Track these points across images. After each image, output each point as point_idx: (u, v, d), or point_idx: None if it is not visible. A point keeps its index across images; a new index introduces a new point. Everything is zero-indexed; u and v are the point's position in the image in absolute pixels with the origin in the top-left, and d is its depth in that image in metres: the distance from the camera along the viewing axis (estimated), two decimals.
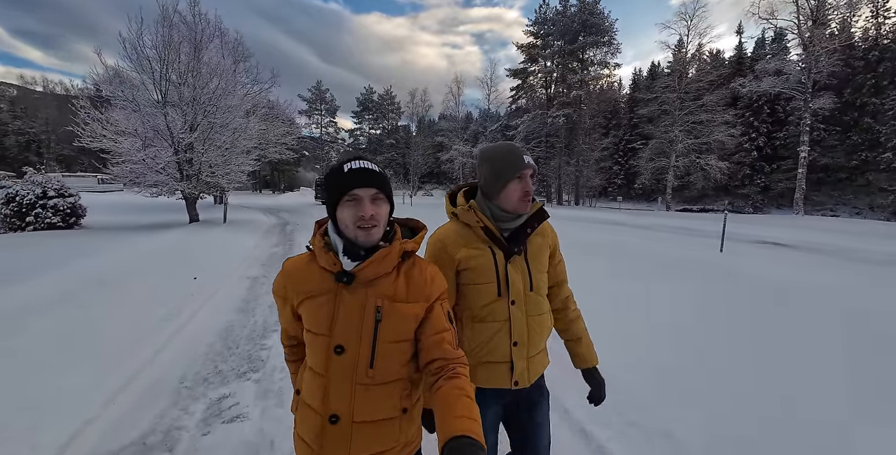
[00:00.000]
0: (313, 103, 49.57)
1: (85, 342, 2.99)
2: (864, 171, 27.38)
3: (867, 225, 15.12)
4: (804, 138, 18.27)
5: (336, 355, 0.86)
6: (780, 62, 18.92)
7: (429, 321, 0.91)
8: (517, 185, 1.13)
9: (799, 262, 6.64)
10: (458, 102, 40.07)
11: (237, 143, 10.97)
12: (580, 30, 27.30)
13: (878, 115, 25.32)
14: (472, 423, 0.73)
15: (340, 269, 0.86)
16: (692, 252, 7.26)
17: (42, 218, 9.61)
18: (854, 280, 5.28)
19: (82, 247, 6.91)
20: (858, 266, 6.40)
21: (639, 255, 6.94)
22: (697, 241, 9.22)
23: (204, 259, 6.27)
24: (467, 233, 1.17)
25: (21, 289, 3.93)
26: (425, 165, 47.97)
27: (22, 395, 2.25)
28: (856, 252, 7.95)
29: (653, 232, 11.37)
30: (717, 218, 14.95)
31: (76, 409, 2.18)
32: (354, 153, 43.17)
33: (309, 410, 0.90)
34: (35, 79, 63.57)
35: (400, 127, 52.06)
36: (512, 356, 1.16)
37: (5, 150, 48.91)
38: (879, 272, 5.93)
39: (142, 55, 9.76)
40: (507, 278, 1.14)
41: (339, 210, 0.86)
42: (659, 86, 25.27)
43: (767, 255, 7.33)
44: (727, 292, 4.56)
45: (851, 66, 28.53)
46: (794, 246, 8.89)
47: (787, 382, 2.54)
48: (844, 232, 12.44)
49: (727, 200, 32.47)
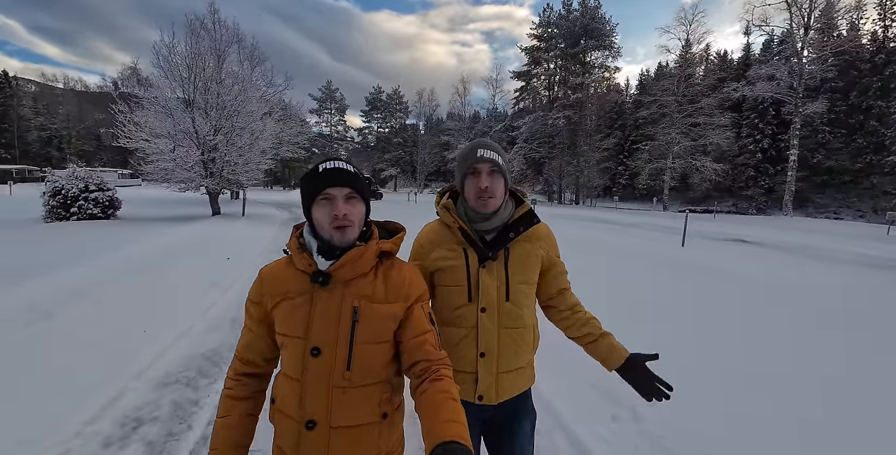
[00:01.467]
0: (323, 102, 50.91)
1: (168, 292, 4.10)
2: (868, 174, 27.42)
3: (856, 227, 15.77)
4: (794, 142, 18.91)
5: (312, 357, 0.85)
6: (772, 68, 19.51)
7: (409, 323, 0.90)
8: (472, 180, 1.09)
9: (746, 255, 7.55)
10: (464, 103, 41.06)
11: (256, 144, 12.11)
12: (582, 34, 28.10)
13: (884, 118, 25.59)
14: (459, 426, 0.72)
15: (316, 269, 0.86)
16: (657, 246, 8.19)
17: (84, 209, 10.83)
18: (782, 270, 6.20)
19: (126, 234, 8.06)
20: (806, 261, 7.29)
21: (608, 248, 7.88)
22: (671, 237, 10.12)
23: (232, 245, 7.38)
24: (446, 233, 1.15)
25: (101, 262, 5.05)
26: (432, 164, 49.03)
27: (138, 320, 3.33)
28: (818, 250, 8.80)
29: (635, 229, 12.27)
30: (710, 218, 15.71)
31: (172, 328, 3.28)
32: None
33: (284, 418, 0.88)
34: (56, 76, 65.70)
35: (408, 126, 53.19)
36: (477, 367, 1.10)
37: (28, 145, 50.96)
38: (817, 266, 6.82)
39: (173, 65, 10.92)
40: (478, 283, 1.09)
41: (314, 210, 0.87)
42: (658, 89, 25.95)
43: (723, 250, 8.23)
44: (671, 277, 5.53)
45: (858, 69, 28.72)
46: (758, 243, 9.76)
47: (695, 333, 3.52)
48: (825, 232, 13.18)
49: (731, 201, 32.98)
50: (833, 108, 28.27)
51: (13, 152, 47.94)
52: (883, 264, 7.29)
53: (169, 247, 6.58)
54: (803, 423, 2.12)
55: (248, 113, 11.38)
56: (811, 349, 3.19)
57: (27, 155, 49.55)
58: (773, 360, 2.94)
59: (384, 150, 50.11)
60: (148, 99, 10.62)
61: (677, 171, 24.27)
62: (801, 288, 5.05)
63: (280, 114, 16.62)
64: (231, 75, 11.45)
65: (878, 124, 25.90)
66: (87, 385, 2.38)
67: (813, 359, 3.00)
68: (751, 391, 2.44)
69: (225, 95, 10.92)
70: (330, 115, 51.90)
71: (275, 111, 14.55)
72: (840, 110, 28.60)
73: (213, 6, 12.89)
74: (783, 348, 3.21)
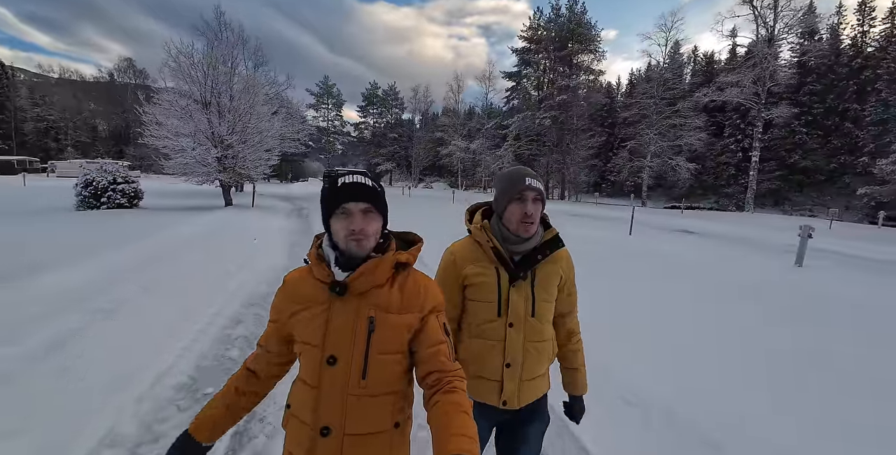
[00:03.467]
0: (321, 97, 51.89)
1: (228, 251, 5.60)
2: (842, 174, 28.58)
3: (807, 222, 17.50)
4: (756, 144, 20.56)
5: (328, 366, 0.87)
6: (737, 75, 21.13)
7: (424, 334, 0.92)
8: (516, 206, 1.16)
9: (676, 241, 9.18)
10: (457, 100, 42.34)
11: (264, 142, 13.51)
12: (569, 38, 29.53)
13: (858, 121, 26.95)
14: (469, 441, 0.74)
15: (333, 279, 0.89)
16: (608, 234, 9.79)
17: (113, 199, 12.18)
18: (692, 250, 7.81)
19: (161, 220, 9.47)
20: (735, 247, 8.90)
21: (565, 236, 9.42)
22: (627, 228, 11.73)
23: (251, 230, 8.84)
24: (478, 250, 1.22)
25: (164, 237, 6.51)
26: (426, 159, 50.37)
27: (222, 263, 4.82)
28: (755, 241, 10.40)
29: (598, 221, 13.88)
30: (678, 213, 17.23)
31: (239, 274, 4.80)
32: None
33: (299, 424, 0.90)
34: (51, 66, 65.63)
35: (404, 121, 54.37)
36: (503, 376, 1.20)
37: (25, 136, 51.36)
38: (726, 250, 8.44)
39: (192, 75, 12.24)
40: (508, 301, 1.18)
41: (333, 221, 0.90)
42: (639, 92, 27.52)
43: (661, 238, 9.87)
44: (609, 256, 7.08)
45: (836, 73, 30.35)
46: (701, 234, 11.41)
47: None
48: (772, 227, 14.86)
49: (713, 198, 34.77)
50: (811, 110, 29.89)
51: (10, 143, 48.37)
52: (791, 250, 8.93)
53: (207, 228, 8.06)
54: (677, 349, 3.30)
55: (258, 115, 12.77)
56: (676, 298, 4.79)
57: (24, 146, 49.97)
58: (638, 308, 4.52)
59: (380, 144, 51.30)
60: (171, 101, 11.94)
61: (654, 170, 25.92)
62: (696, 264, 6.65)
63: (284, 112, 17.90)
64: (243, 80, 12.81)
65: (852, 126, 27.38)
66: (199, 302, 3.90)
67: (675, 304, 4.60)
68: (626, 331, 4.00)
69: (237, 101, 12.29)
70: (327, 110, 52.94)
71: (280, 110, 15.89)
72: (817, 112, 30.20)
73: (219, 9, 14.11)
74: (665, 299, 4.80)
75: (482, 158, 36.67)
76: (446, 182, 49.17)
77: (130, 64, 61.25)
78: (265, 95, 14.71)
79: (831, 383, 2.77)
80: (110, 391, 2.30)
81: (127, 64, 61.17)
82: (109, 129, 60.17)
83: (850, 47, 30.34)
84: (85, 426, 1.99)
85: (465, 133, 41.43)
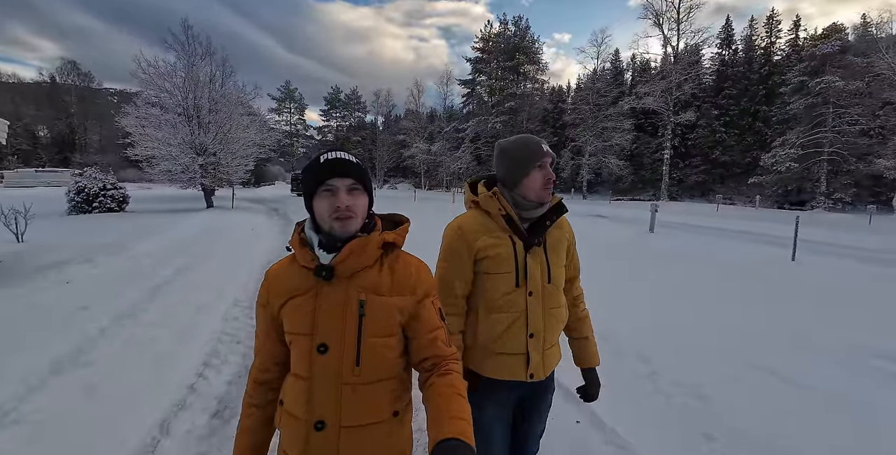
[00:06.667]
0: (283, 101, 52.56)
1: (232, 240, 7.61)
2: (755, 167, 33.50)
3: (703, 208, 21.38)
4: (666, 144, 24.42)
5: (319, 354, 0.84)
6: (649, 86, 25.01)
7: (420, 320, 0.90)
8: (539, 173, 1.16)
9: (587, 222, 12.00)
10: (418, 104, 44.72)
11: (242, 149, 15.26)
12: (515, 50, 32.77)
13: (767, 120, 30.91)
14: (464, 424, 0.74)
15: (318, 263, 0.85)
16: None
17: (103, 204, 13.48)
18: (601, 228, 10.61)
19: (158, 221, 11.09)
20: (624, 225, 11.81)
21: None
22: None
23: (243, 224, 10.75)
24: (487, 221, 1.19)
25: (172, 233, 8.37)
26: (390, 160, 52.33)
27: (235, 246, 6.87)
28: (641, 220, 13.42)
29: None
30: (606, 203, 20.24)
31: (248, 259, 6.91)
32: (332, 146, 46.67)
33: (292, 419, 0.86)
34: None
35: (367, 123, 56.01)
36: (528, 348, 1.17)
37: None
38: (623, 227, 11.33)
39: (171, 91, 13.82)
40: (525, 269, 1.16)
41: (316, 201, 0.86)
42: (577, 98, 31.13)
43: (577, 220, 12.47)
44: None
45: (748, 79, 35.34)
46: (610, 218, 14.43)
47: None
48: (673, 212, 18.32)
49: (651, 192, 39.25)
50: (728, 111, 34.59)
51: None
52: (668, 226, 11.98)
53: (204, 226, 9.92)
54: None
55: (237, 125, 14.54)
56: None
57: None
58: None
59: (343, 147, 52.46)
60: (157, 116, 13.49)
61: (591, 167, 29.55)
62: (590, 235, 9.39)
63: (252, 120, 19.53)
64: (223, 93, 14.52)
65: (762, 125, 31.49)
66: (235, 261, 6.00)
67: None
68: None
69: (219, 113, 14.02)
70: (290, 114, 53.66)
71: (255, 120, 17.57)
72: (734, 113, 34.92)
73: (186, 23, 15.45)
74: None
75: (443, 160, 39.18)
76: (411, 183, 51.37)
77: (74, 66, 58.67)
78: (241, 105, 16.37)
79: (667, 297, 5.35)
80: (223, 286, 4.48)
81: (70, 66, 58.54)
82: (52, 135, 57.24)
83: (762, 56, 34.44)
84: (221, 296, 4.17)
85: (427, 136, 43.83)
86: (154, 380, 2.54)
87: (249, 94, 18.65)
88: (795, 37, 32.96)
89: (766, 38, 34.61)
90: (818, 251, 7.98)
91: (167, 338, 3.16)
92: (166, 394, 2.37)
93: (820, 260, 7.00)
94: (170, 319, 3.54)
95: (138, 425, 2.08)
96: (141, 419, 2.13)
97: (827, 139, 21.47)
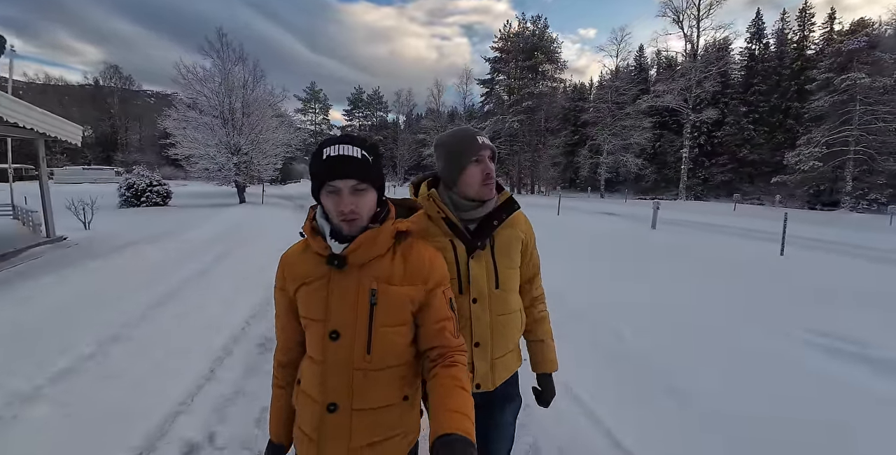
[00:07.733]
0: (308, 102, 54.54)
1: (270, 227, 8.61)
2: (785, 166, 33.05)
3: (718, 207, 21.22)
4: (686, 143, 24.23)
5: (332, 341, 0.86)
6: (667, 84, 24.87)
7: (431, 309, 0.91)
8: (475, 167, 1.09)
9: (595, 219, 12.49)
10: (438, 104, 45.55)
11: (272, 149, 16.49)
12: (534, 49, 33.04)
13: (799, 118, 29.76)
14: (464, 418, 0.75)
15: (331, 252, 0.86)
16: (541, 216, 13.01)
17: (150, 199, 14.96)
18: (606, 225, 11.11)
19: (200, 214, 12.36)
20: (632, 221, 12.24)
21: None
22: (563, 212, 15.02)
23: (275, 218, 11.83)
24: (429, 225, 1.11)
25: (217, 221, 9.47)
26: (411, 159, 53.43)
27: (273, 233, 7.85)
28: (647, 218, 13.74)
29: (535, 208, 17.09)
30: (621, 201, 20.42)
31: (275, 244, 7.87)
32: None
33: (308, 400, 0.90)
34: (38, 74, 66.27)
35: (388, 122, 57.35)
36: (473, 358, 1.12)
37: (15, 143, 52.17)
38: (629, 224, 11.77)
39: (207, 95, 15.13)
40: (468, 274, 1.10)
41: (323, 197, 0.86)
42: (596, 96, 31.14)
43: (584, 217, 13.16)
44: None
45: (779, 74, 34.22)
46: (621, 215, 14.78)
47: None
48: (691, 210, 18.38)
49: (674, 191, 38.66)
50: (757, 108, 33.56)
51: (2, 147, 49.34)
52: (674, 223, 12.29)
53: (244, 216, 11.07)
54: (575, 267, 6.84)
55: (268, 126, 15.75)
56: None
57: (17, 152, 50.86)
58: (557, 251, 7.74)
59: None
60: (196, 119, 14.83)
61: (609, 166, 29.56)
62: (596, 229, 9.90)
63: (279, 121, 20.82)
64: (256, 97, 15.77)
65: (794, 122, 30.38)
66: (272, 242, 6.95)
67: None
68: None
69: (252, 116, 15.25)
70: (315, 114, 55.63)
71: (284, 121, 18.84)
72: (763, 110, 33.83)
73: (221, 31, 16.69)
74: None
75: None
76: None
77: (116, 70, 62.59)
78: (270, 107, 17.63)
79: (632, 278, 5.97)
80: (262, 267, 5.39)
81: (113, 70, 62.46)
82: (96, 135, 61.15)
83: (794, 50, 33.20)
84: (262, 273, 5.07)
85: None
86: (224, 311, 3.74)
87: (278, 97, 20.04)
88: (830, 30, 31.60)
89: (799, 31, 33.31)
90: (814, 247, 8.29)
91: (228, 287, 4.48)
92: (228, 327, 3.40)
93: (807, 254, 7.34)
94: (230, 278, 4.78)
95: (213, 342, 3.09)
96: (217, 336, 3.22)
97: (853, 137, 20.87)
